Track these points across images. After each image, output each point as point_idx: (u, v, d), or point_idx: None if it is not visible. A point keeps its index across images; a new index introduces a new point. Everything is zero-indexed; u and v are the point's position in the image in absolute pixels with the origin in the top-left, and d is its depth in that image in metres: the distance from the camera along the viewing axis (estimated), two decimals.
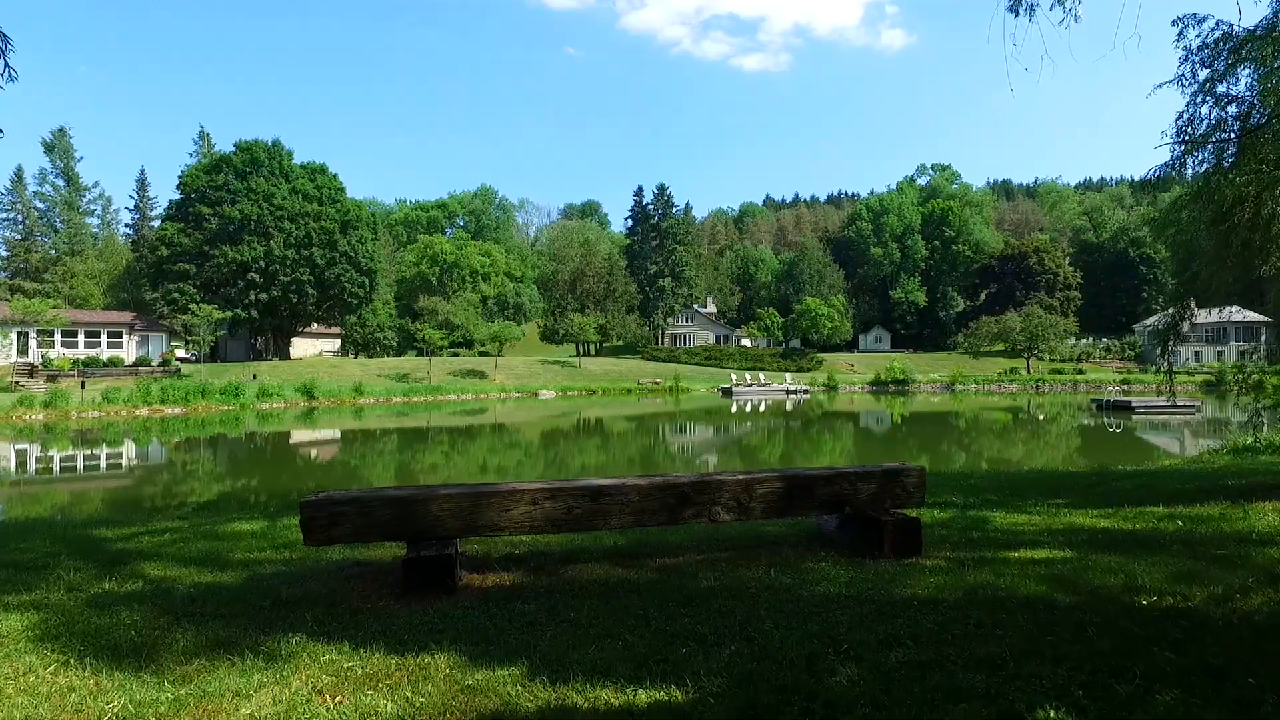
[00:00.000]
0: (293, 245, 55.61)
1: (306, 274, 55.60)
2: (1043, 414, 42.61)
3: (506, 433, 32.59)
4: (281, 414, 39.81)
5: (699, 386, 64.72)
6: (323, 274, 56.75)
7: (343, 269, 57.22)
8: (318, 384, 43.73)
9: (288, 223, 55.60)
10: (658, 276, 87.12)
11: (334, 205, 59.50)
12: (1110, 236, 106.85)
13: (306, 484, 18.74)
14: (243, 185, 55.73)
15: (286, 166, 58.95)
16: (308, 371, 51.44)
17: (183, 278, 53.07)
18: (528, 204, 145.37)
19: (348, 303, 59.72)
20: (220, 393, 38.72)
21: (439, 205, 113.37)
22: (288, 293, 55.52)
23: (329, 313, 62.15)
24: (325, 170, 61.51)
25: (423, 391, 50.38)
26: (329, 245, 56.78)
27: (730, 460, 23.36)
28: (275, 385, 41.71)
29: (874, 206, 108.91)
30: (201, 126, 73.82)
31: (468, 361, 65.48)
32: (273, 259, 54.64)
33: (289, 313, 58.85)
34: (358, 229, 58.86)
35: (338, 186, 61.32)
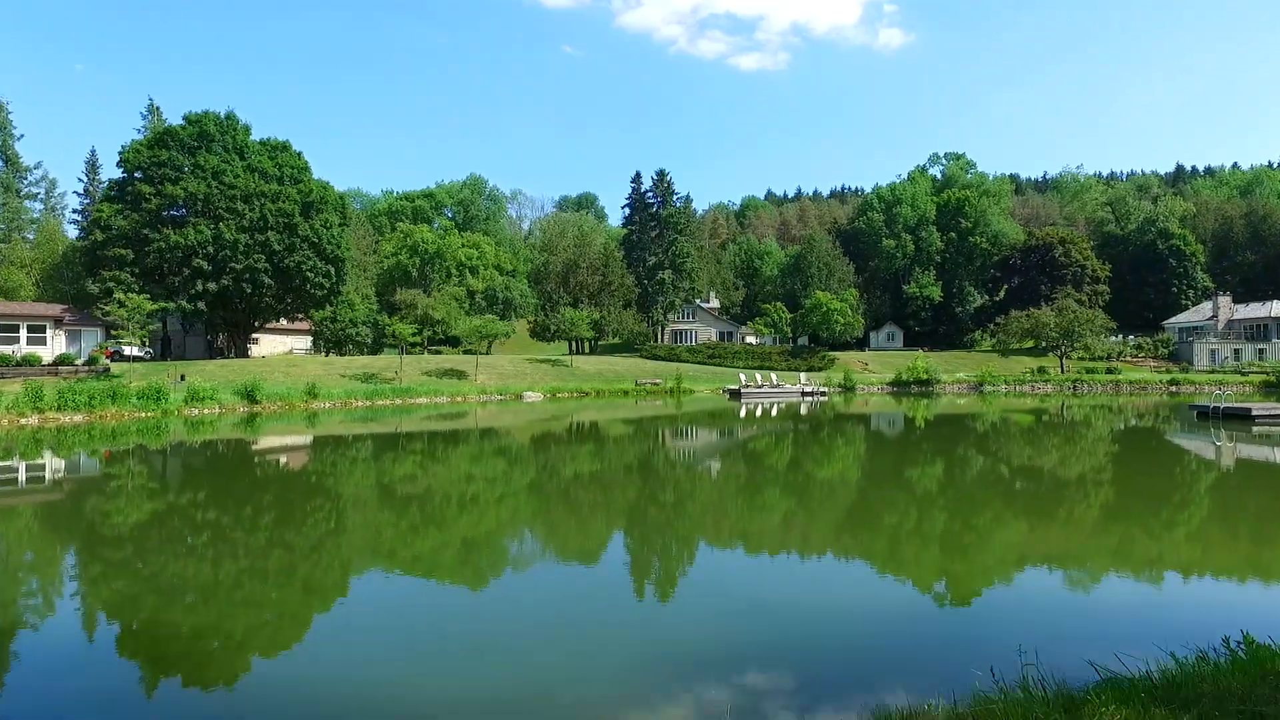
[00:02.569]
0: (246, 229, 49.32)
1: (262, 261, 49.30)
2: (1113, 424, 36.45)
3: (459, 447, 26.45)
4: (215, 421, 33.63)
5: (702, 387, 58.60)
6: (281, 262, 50.47)
7: (304, 256, 50.95)
8: (260, 386, 37.50)
9: (241, 204, 49.32)
10: (657, 269, 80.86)
11: (296, 186, 53.23)
12: (1136, 228, 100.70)
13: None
14: (190, 161, 49.44)
15: (242, 142, 52.65)
16: (262, 371, 45.24)
17: (119, 264, 46.79)
18: (521, 196, 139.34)
19: (311, 294, 53.41)
20: (138, 396, 32.48)
21: (425, 195, 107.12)
22: (240, 282, 49.22)
23: (291, 306, 55.85)
24: (288, 148, 55.23)
25: (389, 394, 44.18)
26: (288, 229, 50.50)
27: (819, 531, 14.86)
28: (208, 388, 35.45)
29: (885, 196, 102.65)
30: (151, 99, 67.28)
31: (447, 360, 59.27)
32: (222, 244, 48.36)
33: (244, 305, 52.57)
34: (322, 212, 52.56)
35: (301, 165, 55.04)
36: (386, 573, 10.60)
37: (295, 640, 8.08)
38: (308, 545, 12.09)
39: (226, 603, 9.12)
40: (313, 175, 55.60)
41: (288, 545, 12.05)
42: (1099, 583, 10.21)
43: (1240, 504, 16.28)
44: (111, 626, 8.54)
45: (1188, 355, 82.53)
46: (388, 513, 15.13)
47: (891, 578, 10.63)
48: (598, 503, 16.73)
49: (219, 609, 8.87)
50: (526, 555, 11.98)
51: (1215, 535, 13.37)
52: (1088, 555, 11.63)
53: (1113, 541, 12.58)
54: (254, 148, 53.46)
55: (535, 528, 14.18)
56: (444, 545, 12.56)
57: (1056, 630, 8.04)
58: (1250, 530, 13.51)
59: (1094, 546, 12.26)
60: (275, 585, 9.96)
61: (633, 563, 11.39)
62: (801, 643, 7.62)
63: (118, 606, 9.22)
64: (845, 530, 13.85)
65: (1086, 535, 13.07)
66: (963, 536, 13.23)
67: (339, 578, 10.46)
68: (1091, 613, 8.96)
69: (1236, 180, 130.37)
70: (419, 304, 65.45)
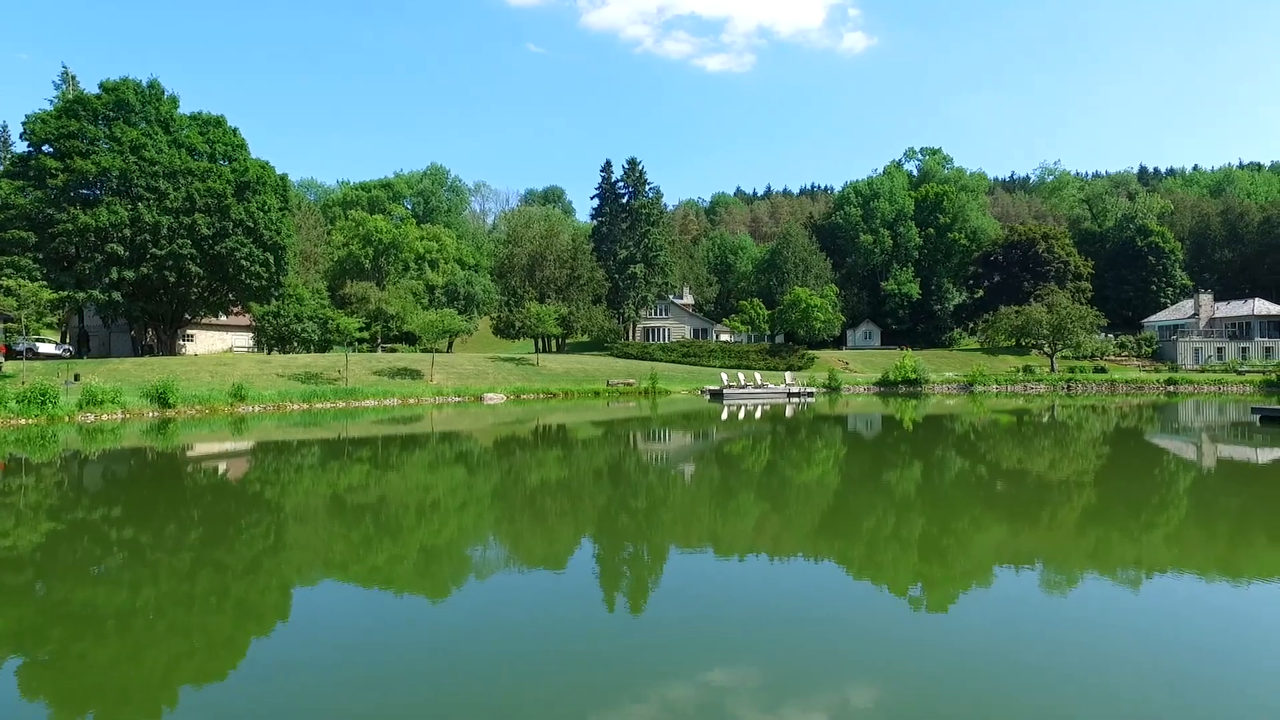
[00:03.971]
0: (170, 211, 43.88)
1: (188, 247, 43.89)
2: (1161, 431, 33.01)
3: (410, 454, 21.76)
4: (118, 429, 28.54)
5: (679, 388, 54.46)
6: (211, 248, 45.12)
7: (238, 242, 45.62)
8: (174, 388, 32.33)
9: (164, 182, 43.87)
10: (629, 262, 76.54)
11: (230, 164, 47.90)
12: (1114, 225, 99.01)
13: None
14: (105, 134, 43.85)
15: (167, 114, 47.10)
16: (186, 371, 40.00)
17: (19, 248, 41.07)
18: (485, 188, 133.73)
19: (248, 286, 48.10)
20: (17, 400, 27.21)
21: (383, 185, 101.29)
22: (163, 270, 43.77)
23: (226, 299, 50.46)
24: (221, 123, 49.78)
25: (331, 395, 39.22)
26: (219, 212, 45.16)
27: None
28: (108, 390, 30.19)
29: (863, 190, 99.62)
30: (65, 66, 60.87)
31: (400, 358, 54.26)
32: (142, 227, 42.88)
33: (170, 297, 47.08)
34: (260, 194, 47.25)
35: (237, 143, 49.65)
36: (332, 591, 9.59)
37: (229, 669, 7.15)
38: (241, 564, 10.66)
39: (147, 631, 8.02)
40: (250, 154, 50.26)
41: (218, 565, 10.52)
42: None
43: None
44: (12, 661, 7.37)
45: (1171, 354, 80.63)
46: (333, 525, 13.45)
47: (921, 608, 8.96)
48: (579, 523, 12.44)
49: (138, 638, 7.80)
50: (491, 569, 10.67)
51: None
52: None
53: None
54: (182, 121, 47.94)
55: (506, 546, 12.16)
56: (398, 559, 11.14)
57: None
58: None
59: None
60: (204, 610, 8.70)
61: (634, 581, 10.04)
62: (781, 654, 7.10)
63: (17, 638, 8.01)
64: (868, 555, 11.13)
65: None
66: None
67: (278, 599, 9.32)
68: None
69: (1206, 180, 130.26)
70: (371, 297, 60.35)
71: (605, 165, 79.90)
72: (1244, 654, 7.16)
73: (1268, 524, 13.40)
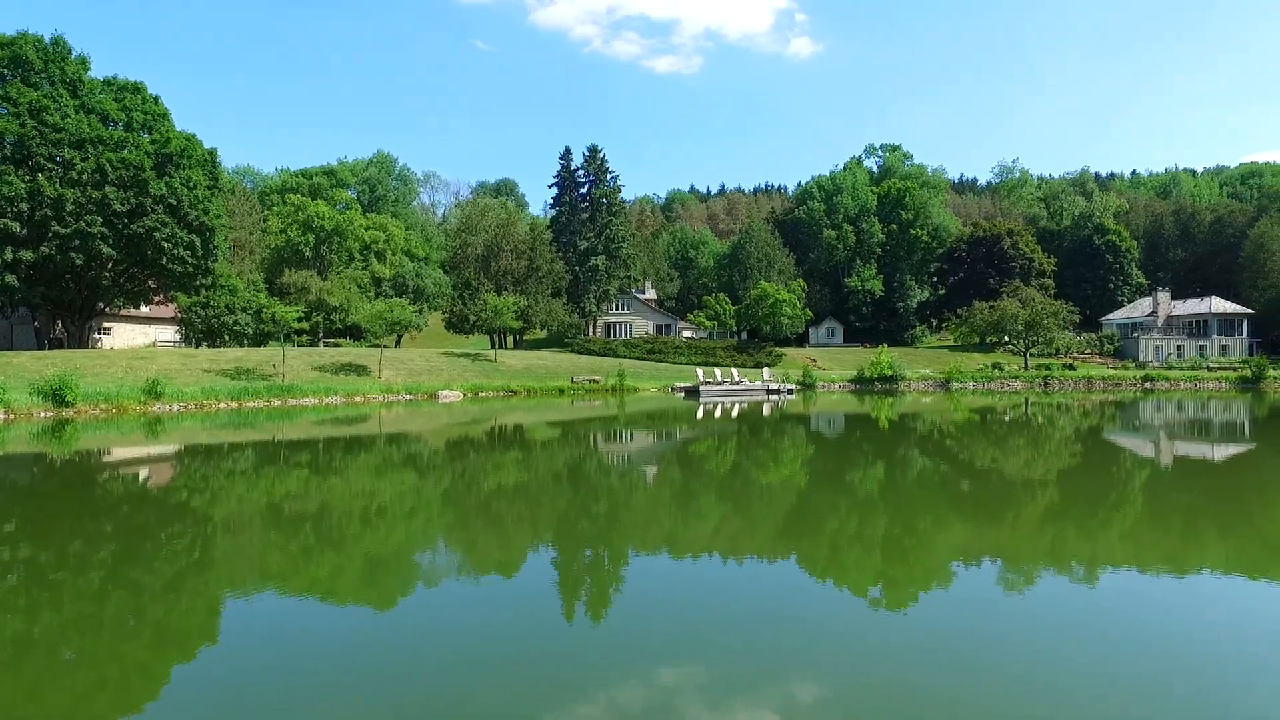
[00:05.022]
0: (76, 184, 38.62)
1: (99, 225, 38.69)
2: (1210, 431, 30.91)
3: (355, 458, 17.79)
4: (3, 431, 23.90)
5: (648, 385, 51.11)
6: (127, 228, 40.00)
7: (158, 222, 40.55)
8: (72, 384, 27.55)
9: (69, 151, 38.59)
10: (590, 254, 72.86)
11: (149, 135, 42.77)
12: (1072, 224, 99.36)
13: None
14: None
15: (75, 76, 41.71)
16: (95, 366, 34.98)
17: None
18: (434, 179, 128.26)
19: (170, 271, 43.02)
20: None
21: (325, 172, 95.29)
22: (69, 252, 38.48)
23: (146, 286, 45.24)
24: (141, 89, 44.53)
25: (264, 393, 34.71)
26: (136, 187, 40.04)
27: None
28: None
29: (826, 185, 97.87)
30: None
31: (345, 353, 49.65)
32: (41, 200, 37.56)
33: (78, 282, 41.72)
34: (184, 168, 42.24)
35: (158, 112, 44.47)
36: (267, 607, 8.15)
37: (148, 700, 6.03)
38: (160, 583, 9.09)
39: (49, 662, 6.65)
40: (174, 126, 45.10)
41: (133, 585, 8.96)
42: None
43: None
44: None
45: (1132, 351, 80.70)
46: (267, 535, 11.69)
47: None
48: (575, 539, 9.06)
49: (37, 670, 6.48)
50: (441, 577, 9.49)
51: None
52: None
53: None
54: (93, 86, 42.58)
55: (460, 553, 10.79)
56: (341, 569, 9.79)
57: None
58: None
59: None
60: (117, 636, 7.26)
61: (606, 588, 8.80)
62: (742, 655, 6.42)
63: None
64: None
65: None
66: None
67: (204, 620, 7.88)
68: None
69: (1153, 183, 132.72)
70: (312, 287, 55.47)
71: (564, 153, 76.17)
72: (1233, 656, 6.44)
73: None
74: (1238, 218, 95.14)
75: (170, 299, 52.06)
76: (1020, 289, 73.96)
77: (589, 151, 75.49)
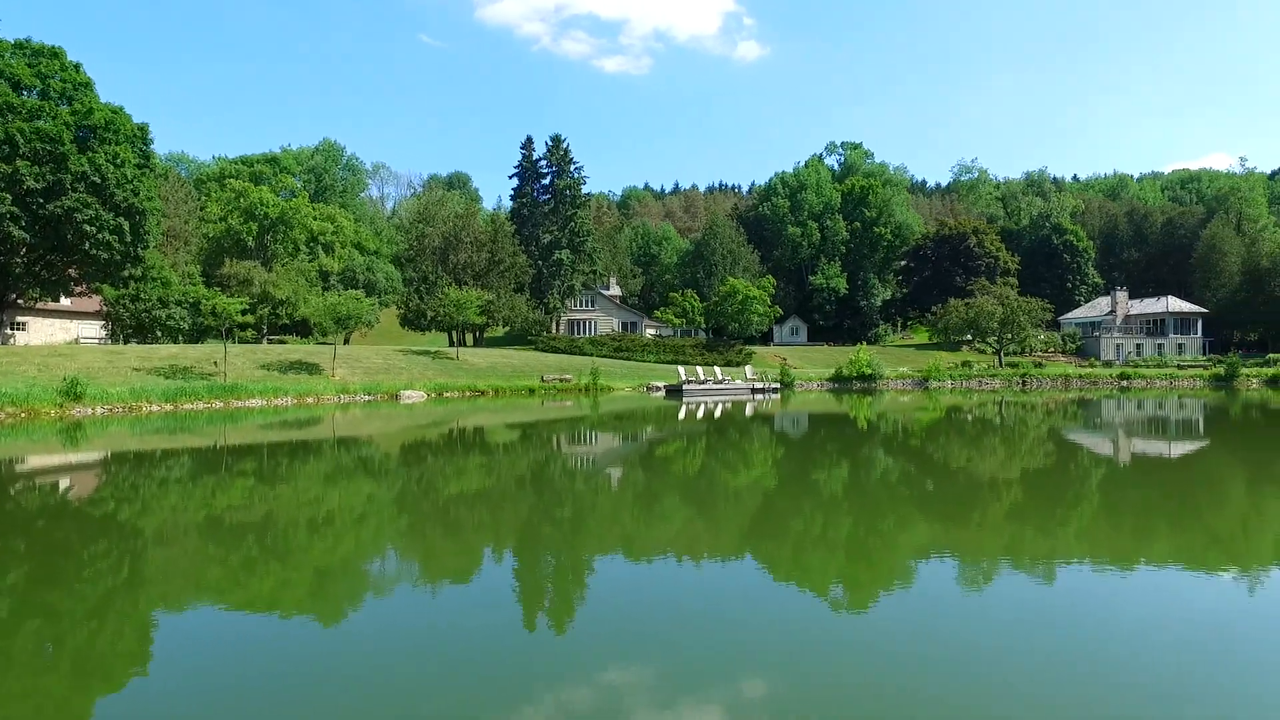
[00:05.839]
0: None
1: (7, 203, 34.14)
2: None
3: (310, 464, 14.62)
4: None
5: (622, 384, 48.35)
6: (42, 207, 35.46)
7: (79, 202, 36.09)
8: None
9: None
10: (553, 247, 69.68)
11: (69, 106, 38.20)
12: (1030, 224, 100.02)
13: None
14: None
15: None
16: (4, 363, 30.59)
17: None
18: (384, 170, 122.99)
19: (95, 258, 38.53)
20: None
21: (267, 160, 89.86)
22: None
23: (64, 275, 40.57)
24: (59, 55, 39.83)
25: (205, 394, 30.83)
26: (52, 161, 35.54)
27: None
28: None
29: (790, 182, 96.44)
30: None
31: (293, 350, 45.60)
32: None
33: None
34: (110, 144, 37.82)
35: (79, 80, 39.83)
36: (204, 625, 7.35)
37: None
38: (83, 608, 7.71)
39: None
40: (98, 97, 40.50)
41: (49, 611, 7.56)
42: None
43: None
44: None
45: (1094, 350, 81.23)
46: (206, 549, 10.05)
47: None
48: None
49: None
50: (394, 586, 8.54)
51: None
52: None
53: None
54: (2, 47, 37.84)
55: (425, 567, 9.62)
56: (287, 583, 8.70)
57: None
58: None
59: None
60: (29, 670, 6.38)
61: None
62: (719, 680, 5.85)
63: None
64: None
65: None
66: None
67: (134, 646, 6.97)
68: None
69: (1101, 186, 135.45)
70: (255, 279, 51.11)
71: (526, 142, 72.85)
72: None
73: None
74: (1188, 219, 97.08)
75: (95, 290, 47.16)
76: (988, 287, 73.49)
77: (551, 141, 72.32)
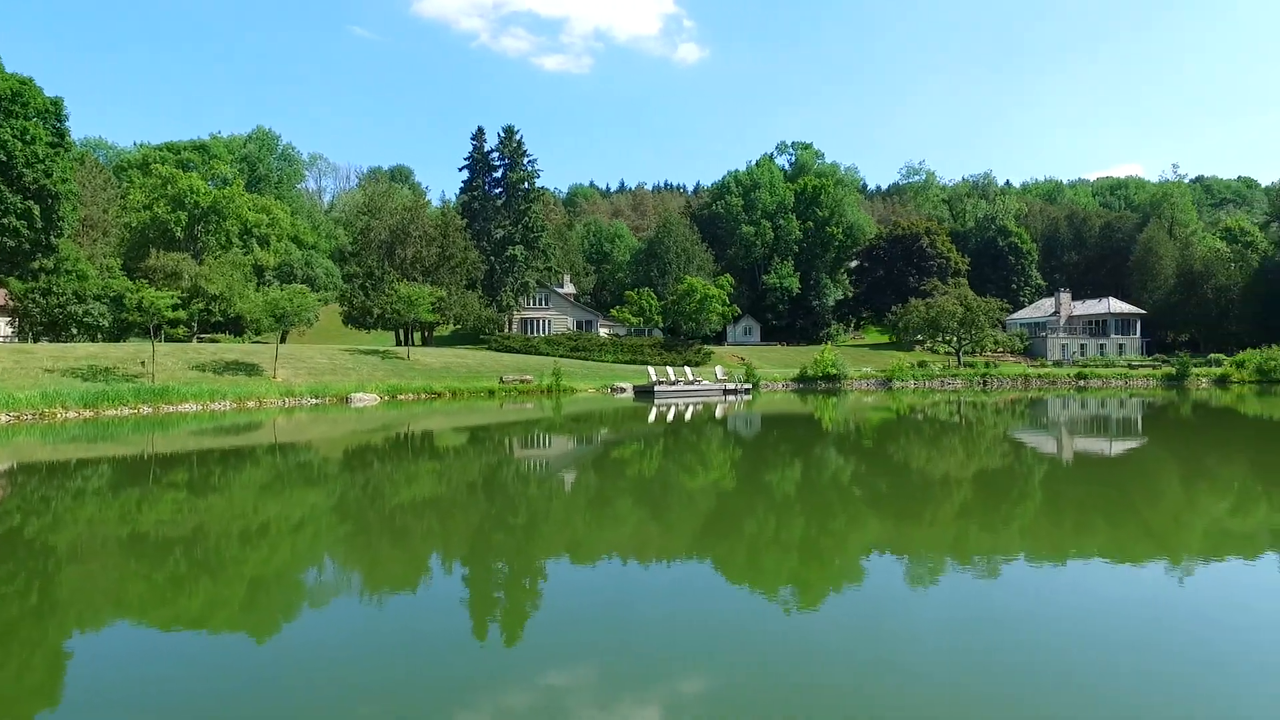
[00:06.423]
0: None
1: None
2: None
3: (253, 470, 12.33)
4: None
5: (584, 385, 46.26)
6: None
7: None
8: None
9: None
10: (506, 243, 67.02)
11: None
12: (976, 225, 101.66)
13: None
14: None
15: None
16: None
17: None
18: (321, 161, 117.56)
19: (1, 246, 34.47)
20: None
21: (196, 147, 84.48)
22: None
23: None
24: None
25: (130, 398, 27.56)
26: None
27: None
28: None
29: (744, 180, 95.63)
30: None
31: (229, 350, 42.06)
32: None
33: None
34: (17, 118, 33.87)
35: None
36: (125, 654, 6.67)
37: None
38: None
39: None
40: (2, 65, 36.32)
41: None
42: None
43: None
44: None
45: (1041, 350, 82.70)
46: (128, 565, 9.24)
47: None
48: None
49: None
50: (330, 598, 8.10)
51: None
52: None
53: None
54: None
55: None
56: (219, 601, 8.12)
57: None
58: None
59: None
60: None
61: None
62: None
63: None
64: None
65: None
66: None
67: (43, 679, 6.25)
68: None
69: (1038, 190, 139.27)
70: (185, 272, 47.16)
71: (477, 133, 69.94)
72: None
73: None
74: (1125, 224, 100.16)
75: (0, 283, 42.59)
76: (941, 287, 73.92)
77: (504, 133, 69.60)
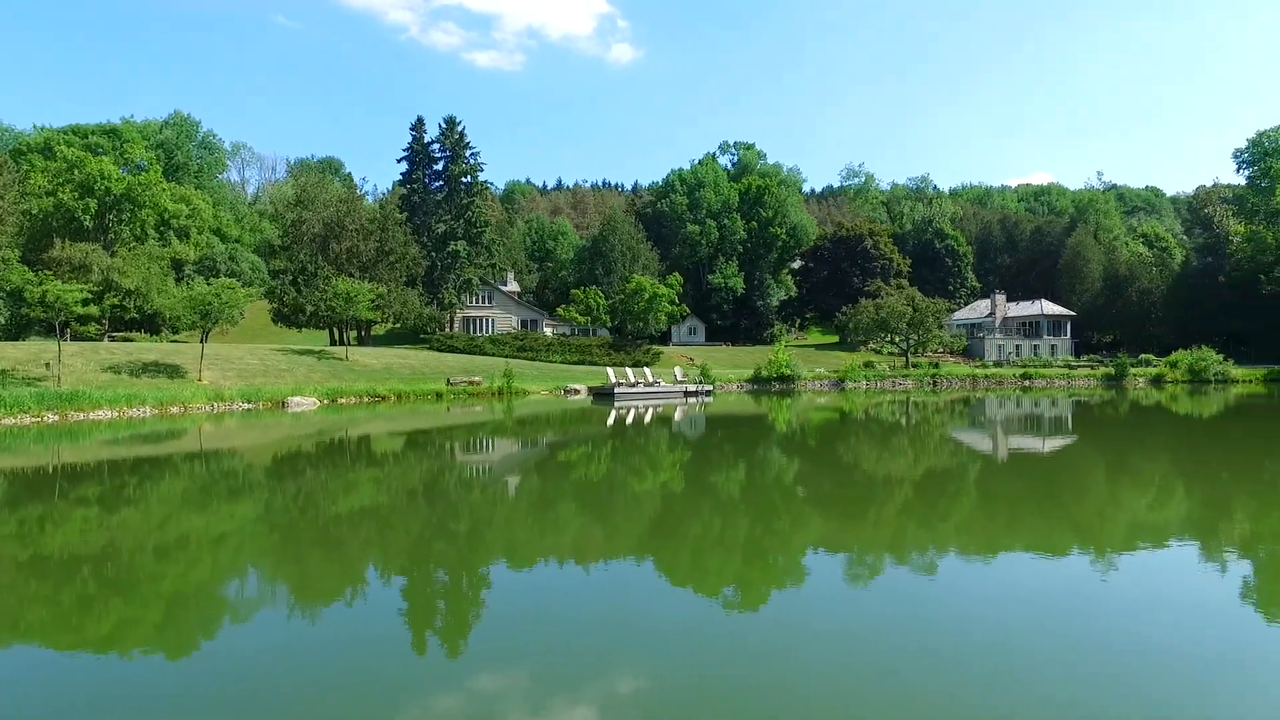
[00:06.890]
0: None
1: None
2: None
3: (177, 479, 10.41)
4: None
5: (536, 387, 44.29)
6: None
7: None
8: None
9: None
10: (448, 238, 64.21)
11: None
12: (914, 228, 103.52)
13: None
14: None
15: None
16: None
17: None
18: (245, 151, 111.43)
19: None
20: None
21: (106, 130, 78.42)
22: None
23: None
24: None
25: (32, 404, 24.38)
26: None
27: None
28: None
29: (688, 179, 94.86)
30: None
31: (147, 349, 38.48)
32: None
33: None
34: None
35: None
36: (25, 683, 5.95)
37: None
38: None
39: None
40: None
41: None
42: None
43: None
44: None
45: (979, 350, 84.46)
46: (28, 586, 8.36)
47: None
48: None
49: None
50: (259, 622, 7.39)
51: None
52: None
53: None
54: None
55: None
56: (133, 620, 7.46)
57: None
58: None
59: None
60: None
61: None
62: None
63: None
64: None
65: None
66: None
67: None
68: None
69: (970, 195, 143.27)
70: (95, 264, 43.13)
71: (416, 124, 66.86)
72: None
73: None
74: (1054, 228, 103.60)
75: None
76: (884, 288, 74.60)
77: (445, 124, 66.77)
